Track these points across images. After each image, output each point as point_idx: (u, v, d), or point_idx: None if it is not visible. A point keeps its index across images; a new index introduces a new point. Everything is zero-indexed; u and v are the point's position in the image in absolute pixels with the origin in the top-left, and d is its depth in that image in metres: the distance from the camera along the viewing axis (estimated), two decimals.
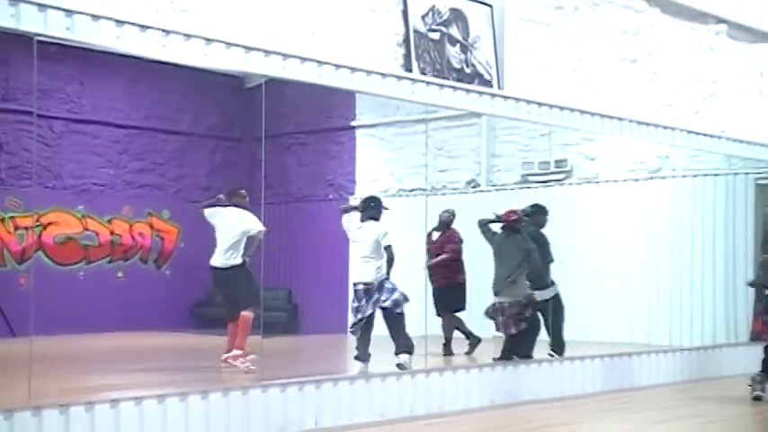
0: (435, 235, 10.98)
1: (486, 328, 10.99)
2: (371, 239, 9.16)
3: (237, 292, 9.80)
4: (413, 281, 9.69)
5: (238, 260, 9.83)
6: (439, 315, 10.81)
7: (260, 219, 9.74)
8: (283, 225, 14.05)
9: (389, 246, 9.18)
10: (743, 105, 12.14)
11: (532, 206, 10.24)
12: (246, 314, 9.68)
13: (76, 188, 15.01)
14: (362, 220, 9.31)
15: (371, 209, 9.36)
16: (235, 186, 10.27)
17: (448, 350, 10.95)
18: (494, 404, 8.78)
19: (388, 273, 9.15)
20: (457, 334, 11.11)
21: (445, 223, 11.06)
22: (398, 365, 8.80)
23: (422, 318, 9.17)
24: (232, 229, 9.86)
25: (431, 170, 11.16)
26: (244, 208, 9.93)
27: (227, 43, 7.11)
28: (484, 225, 9.78)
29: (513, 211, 9.71)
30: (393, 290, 9.09)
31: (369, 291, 9.06)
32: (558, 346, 10.06)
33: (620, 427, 8.45)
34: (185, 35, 6.87)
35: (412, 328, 9.17)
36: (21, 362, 6.36)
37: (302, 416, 7.41)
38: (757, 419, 8.74)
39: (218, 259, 9.93)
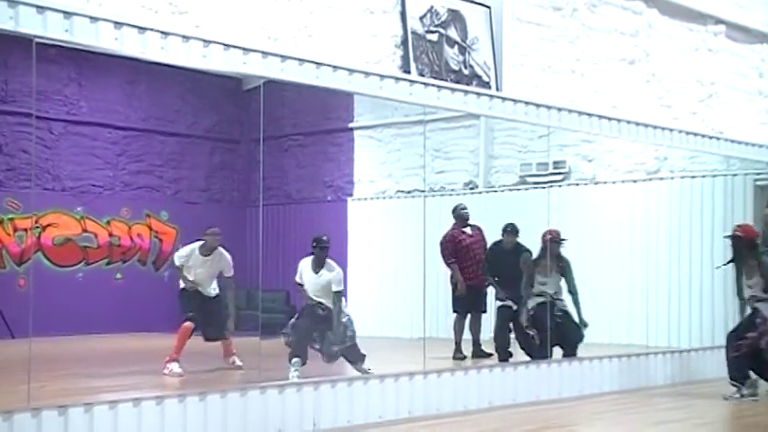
0: (467, 230, 11.05)
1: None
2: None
3: None
4: (410, 282, 9.67)
5: None
6: (456, 313, 10.94)
7: (258, 220, 9.79)
8: (281, 226, 14.05)
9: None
10: (741, 106, 12.16)
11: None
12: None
13: (75, 190, 15.01)
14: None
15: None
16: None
17: (479, 351, 10.88)
18: (492, 406, 8.78)
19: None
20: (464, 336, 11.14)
21: (466, 218, 11.10)
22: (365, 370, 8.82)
23: (421, 319, 9.19)
24: None
25: (429, 171, 11.16)
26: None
27: (226, 45, 7.12)
28: None
29: None
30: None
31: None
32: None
33: (617, 428, 8.47)
34: (184, 37, 6.87)
35: (412, 330, 9.17)
36: (20, 363, 6.36)
37: (300, 417, 7.41)
38: (750, 422, 8.74)
39: None
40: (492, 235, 11.02)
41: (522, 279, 10.33)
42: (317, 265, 9.05)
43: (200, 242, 10.20)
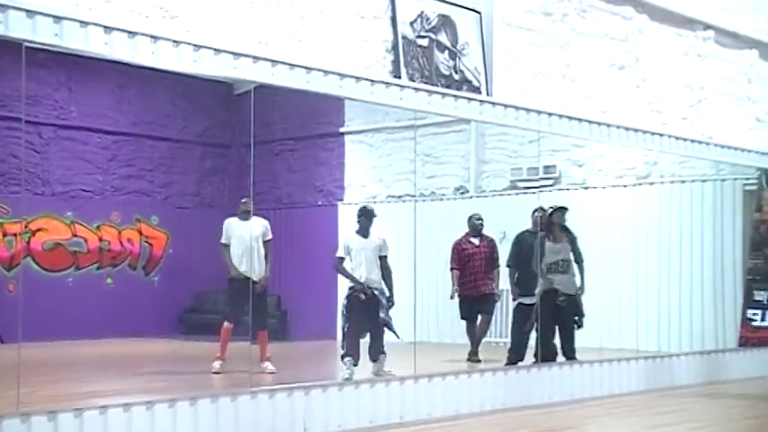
0: (475, 240, 11.13)
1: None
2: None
3: None
4: (402, 287, 9.67)
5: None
6: (464, 320, 11.13)
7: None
8: (272, 231, 14.03)
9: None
10: (731, 112, 12.19)
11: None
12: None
13: (65, 194, 14.99)
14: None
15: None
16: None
17: (473, 355, 11.02)
18: (483, 410, 8.77)
19: None
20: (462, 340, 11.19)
21: (479, 229, 11.18)
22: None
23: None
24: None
25: (419, 176, 11.18)
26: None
27: (216, 50, 7.11)
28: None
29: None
30: None
31: None
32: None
33: None
34: (174, 41, 6.86)
35: (402, 335, 9.18)
36: (9, 368, 6.34)
37: (291, 422, 7.40)
38: (747, 425, 8.76)
39: None
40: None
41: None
42: (364, 232, 9.39)
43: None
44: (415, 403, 8.31)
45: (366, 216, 9.45)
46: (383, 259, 9.33)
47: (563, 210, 10.50)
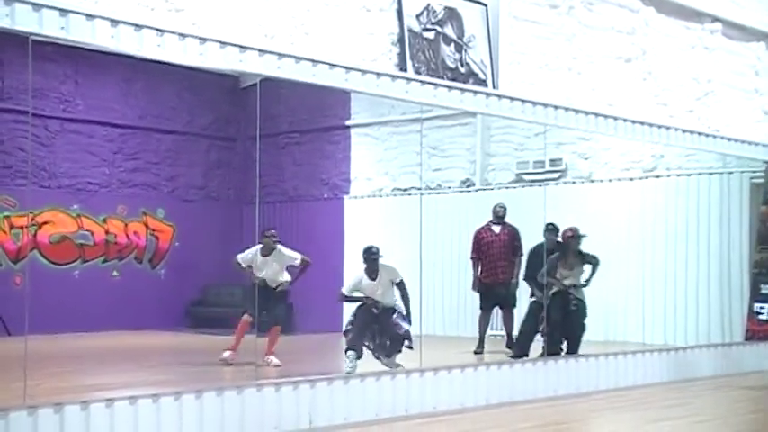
0: (495, 228, 11.11)
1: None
2: None
3: None
4: (408, 280, 9.67)
5: None
6: (484, 310, 11.10)
7: (256, 219, 9.83)
8: (278, 224, 14.03)
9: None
10: (738, 104, 12.16)
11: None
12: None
13: (71, 187, 15.00)
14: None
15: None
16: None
17: (510, 344, 11.01)
18: (489, 404, 8.78)
19: None
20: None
21: (501, 217, 11.17)
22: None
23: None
24: None
25: (425, 169, 11.18)
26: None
27: (222, 43, 7.11)
28: None
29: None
30: None
31: None
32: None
33: (613, 426, 8.48)
34: (180, 35, 6.86)
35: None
36: (16, 361, 6.36)
37: (297, 415, 7.41)
38: (752, 418, 8.76)
39: None
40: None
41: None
42: (371, 273, 9.29)
43: (260, 245, 10.40)
44: (421, 396, 8.32)
45: (368, 258, 9.33)
46: (400, 285, 9.27)
47: (579, 237, 10.49)
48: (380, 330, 9.22)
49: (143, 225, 15.84)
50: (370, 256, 9.32)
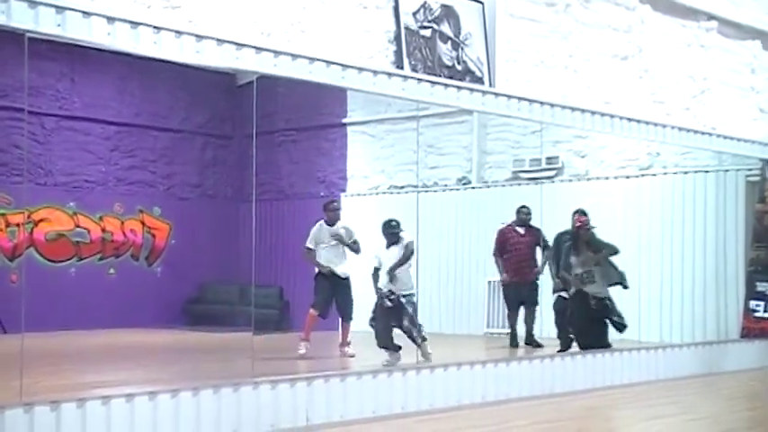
0: (520, 230, 11.24)
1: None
2: None
3: None
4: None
5: None
6: (510, 309, 11.31)
7: (251, 216, 9.79)
8: (274, 222, 14.04)
9: None
10: (733, 102, 12.17)
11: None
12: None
13: (68, 185, 14.99)
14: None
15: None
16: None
17: (530, 340, 11.20)
18: (485, 401, 8.78)
19: None
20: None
21: (526, 220, 11.25)
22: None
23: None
24: None
25: (422, 167, 11.18)
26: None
27: (219, 40, 7.11)
28: None
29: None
30: None
31: None
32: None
33: (608, 424, 8.49)
34: (176, 32, 6.86)
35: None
36: (12, 358, 6.35)
37: (294, 412, 7.41)
38: (746, 416, 8.76)
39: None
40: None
41: None
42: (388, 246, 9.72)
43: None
44: (418, 394, 8.32)
45: (386, 231, 9.78)
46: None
47: (589, 228, 10.47)
48: (398, 321, 9.44)
49: (139, 222, 15.84)
50: (390, 230, 9.72)
